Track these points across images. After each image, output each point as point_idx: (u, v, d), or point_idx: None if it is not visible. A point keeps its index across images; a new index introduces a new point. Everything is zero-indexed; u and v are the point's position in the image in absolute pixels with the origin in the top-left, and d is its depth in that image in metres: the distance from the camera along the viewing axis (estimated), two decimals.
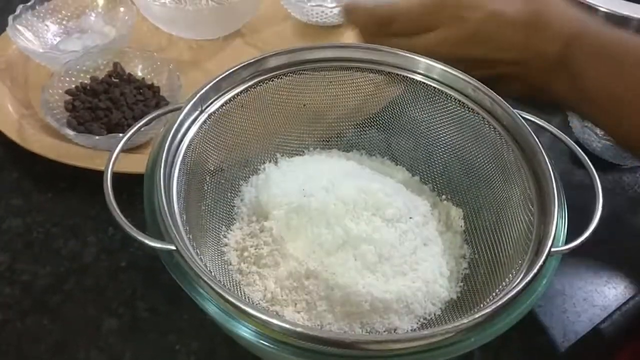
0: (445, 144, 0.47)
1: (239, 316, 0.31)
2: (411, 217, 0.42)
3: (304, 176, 0.44)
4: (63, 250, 0.48)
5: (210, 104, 0.42)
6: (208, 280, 0.31)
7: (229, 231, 0.43)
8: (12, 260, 0.47)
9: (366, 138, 0.50)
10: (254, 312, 0.30)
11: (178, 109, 0.40)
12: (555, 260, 0.35)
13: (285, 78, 0.45)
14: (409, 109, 0.47)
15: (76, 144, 0.52)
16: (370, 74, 0.47)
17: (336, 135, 0.50)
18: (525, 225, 0.38)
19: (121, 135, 0.40)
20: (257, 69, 0.44)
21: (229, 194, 0.45)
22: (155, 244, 0.33)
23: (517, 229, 0.39)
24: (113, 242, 0.48)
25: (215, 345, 0.42)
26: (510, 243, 0.39)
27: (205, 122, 0.42)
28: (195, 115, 0.41)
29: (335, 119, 0.49)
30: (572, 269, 0.47)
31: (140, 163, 0.40)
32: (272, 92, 0.46)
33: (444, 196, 0.47)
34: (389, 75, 0.46)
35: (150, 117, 0.41)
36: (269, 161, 0.48)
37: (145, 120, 0.41)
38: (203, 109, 0.42)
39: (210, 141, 0.43)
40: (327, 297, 0.39)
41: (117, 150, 0.38)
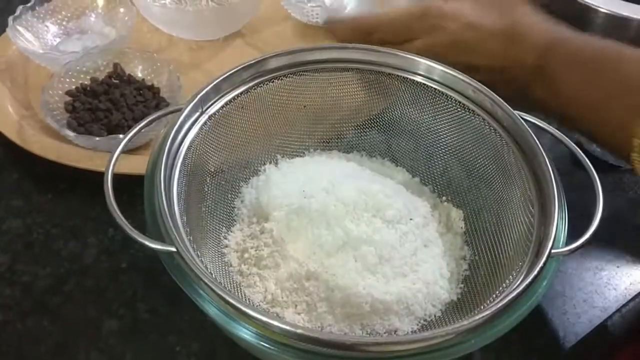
0: (445, 146, 0.47)
1: (239, 318, 0.31)
2: (411, 219, 0.42)
3: (304, 177, 0.44)
4: (63, 251, 0.47)
5: (211, 106, 0.42)
6: (208, 281, 0.31)
7: (229, 232, 0.43)
8: (12, 261, 0.47)
9: (366, 139, 0.50)
10: (255, 313, 0.30)
11: (178, 110, 0.40)
12: (556, 261, 0.35)
13: (286, 79, 0.45)
14: (410, 110, 0.47)
15: (76, 145, 0.52)
16: (371, 75, 0.47)
17: (336, 136, 0.50)
18: (526, 226, 0.38)
19: (121, 136, 0.40)
20: (257, 70, 0.44)
21: (230, 195, 0.46)
22: (155, 246, 0.33)
23: (517, 231, 0.39)
24: (113, 243, 0.48)
25: (215, 346, 0.42)
26: (511, 244, 0.39)
27: (205, 124, 0.42)
28: (195, 116, 0.41)
29: (335, 120, 0.49)
30: (573, 270, 0.47)
31: (140, 164, 0.40)
32: (273, 94, 0.46)
33: (444, 197, 0.47)
34: (389, 76, 0.46)
35: (150, 119, 0.41)
36: (270, 162, 0.48)
37: (146, 121, 0.41)
38: (203, 110, 0.42)
39: (210, 142, 0.43)
40: (327, 299, 0.39)
41: (117, 151, 0.38)
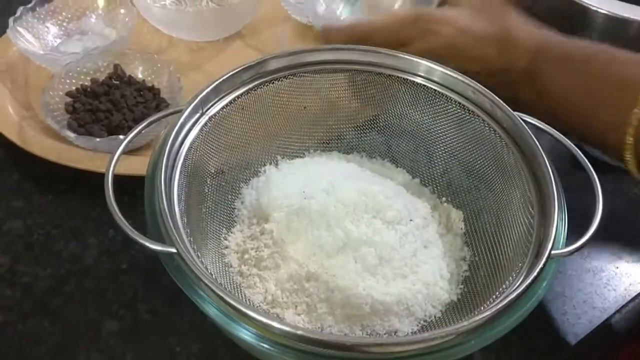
0: (445, 147, 0.47)
1: (239, 319, 0.31)
2: (411, 220, 0.42)
3: (304, 178, 0.44)
4: (64, 252, 0.48)
5: (211, 107, 0.42)
6: (209, 282, 0.31)
7: (229, 233, 0.44)
8: (13, 262, 0.47)
9: (366, 140, 0.50)
10: (255, 314, 0.30)
11: (179, 111, 0.40)
12: (556, 262, 0.35)
13: (286, 80, 0.45)
14: (410, 111, 0.47)
15: (77, 146, 0.52)
16: (371, 77, 0.47)
17: (336, 137, 0.50)
18: (526, 227, 0.38)
19: (122, 137, 0.40)
20: (257, 71, 0.44)
21: (230, 196, 0.46)
22: (155, 247, 0.33)
23: (517, 232, 0.39)
24: (114, 244, 0.48)
25: (215, 347, 0.42)
26: (511, 245, 0.39)
27: (205, 125, 0.42)
28: (195, 117, 0.41)
29: (335, 121, 0.49)
30: (572, 271, 0.47)
31: (140, 165, 0.41)
32: (273, 95, 0.46)
33: (444, 198, 0.47)
34: (389, 77, 0.46)
35: (151, 120, 0.41)
36: (270, 163, 0.48)
37: (146, 122, 0.41)
38: (204, 111, 0.42)
39: (210, 143, 0.43)
40: (327, 300, 0.39)
41: (118, 152, 0.38)
